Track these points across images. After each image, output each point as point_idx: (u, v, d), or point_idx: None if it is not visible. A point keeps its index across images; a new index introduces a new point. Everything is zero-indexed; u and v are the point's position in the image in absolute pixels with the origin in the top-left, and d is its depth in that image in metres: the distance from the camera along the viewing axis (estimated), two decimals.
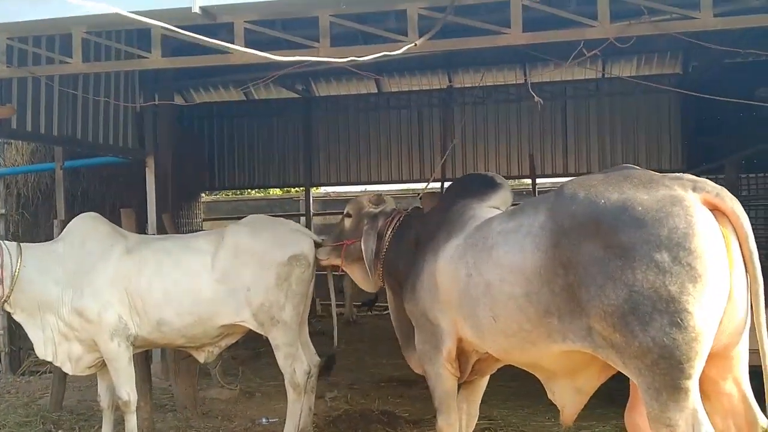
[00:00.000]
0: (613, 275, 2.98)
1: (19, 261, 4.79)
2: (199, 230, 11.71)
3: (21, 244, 4.92)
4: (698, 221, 2.91)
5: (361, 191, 13.89)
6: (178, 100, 10.84)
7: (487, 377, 4.42)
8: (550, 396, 3.78)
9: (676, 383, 2.89)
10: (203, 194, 12.98)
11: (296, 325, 5.13)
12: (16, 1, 3.89)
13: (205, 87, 12.08)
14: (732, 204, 3.03)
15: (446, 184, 11.10)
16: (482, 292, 3.52)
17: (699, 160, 10.31)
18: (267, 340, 5.51)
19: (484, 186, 4.16)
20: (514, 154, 11.63)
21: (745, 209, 3.06)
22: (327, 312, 12.20)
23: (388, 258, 4.53)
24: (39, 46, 4.92)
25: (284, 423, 5.60)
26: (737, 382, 3.12)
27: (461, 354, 4.03)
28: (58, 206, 7.29)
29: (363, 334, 10.01)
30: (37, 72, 4.90)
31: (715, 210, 3.01)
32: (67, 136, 6.42)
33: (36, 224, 8.19)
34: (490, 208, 4.03)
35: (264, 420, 5.89)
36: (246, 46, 4.11)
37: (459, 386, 4.22)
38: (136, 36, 5.69)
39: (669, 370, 2.88)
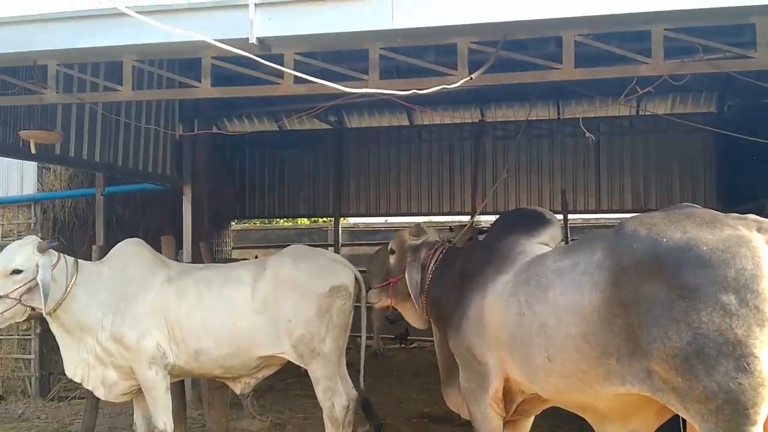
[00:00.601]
0: (677, 317, 2.90)
1: (74, 276, 4.80)
2: (229, 258, 11.75)
3: (78, 260, 4.93)
4: (766, 263, 2.83)
5: (383, 222, 13.89)
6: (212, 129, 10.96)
7: (532, 418, 4.31)
8: None
9: (740, 429, 2.80)
10: (233, 222, 13.03)
11: (336, 358, 5.07)
12: (69, 28, 3.92)
13: (239, 117, 12.22)
14: None
15: (477, 217, 11.14)
16: (536, 331, 3.44)
17: (734, 200, 10.18)
18: (295, 371, 5.47)
19: (534, 221, 4.09)
20: (546, 190, 11.56)
21: None
22: (354, 344, 12.13)
23: (431, 291, 4.46)
24: (84, 72, 4.99)
25: None
26: None
27: (506, 393, 3.93)
28: (97, 232, 7.34)
29: (391, 367, 9.89)
30: (86, 99, 4.96)
31: None
32: (108, 163, 6.48)
33: (71, 249, 8.21)
34: (540, 244, 3.96)
35: None
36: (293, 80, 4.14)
37: (504, 425, 4.12)
38: (178, 65, 5.78)
39: (734, 415, 2.79)
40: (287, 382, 8.83)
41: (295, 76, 3.94)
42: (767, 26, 3.71)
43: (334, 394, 5.02)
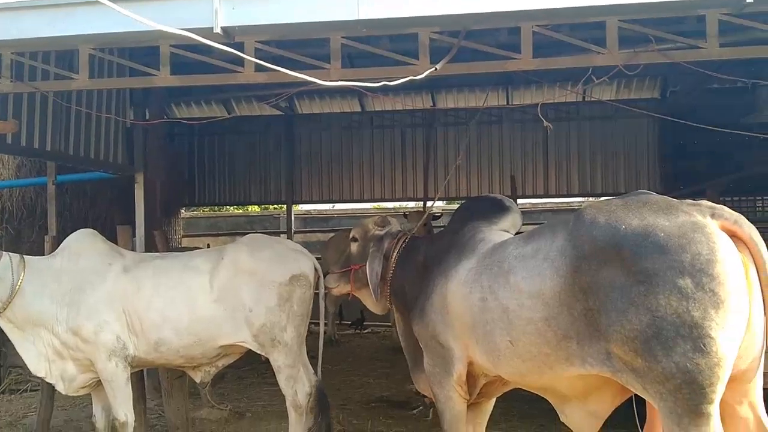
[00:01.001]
0: (635, 301, 3.01)
1: (22, 274, 4.69)
2: (179, 247, 11.59)
3: (24, 256, 4.81)
4: (720, 248, 2.96)
5: (336, 209, 13.90)
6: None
7: (494, 400, 4.42)
8: (562, 419, 3.79)
9: (698, 408, 2.92)
10: (182, 210, 12.85)
11: (297, 346, 5.09)
12: (29, 18, 3.81)
13: (188, 103, 12.03)
14: (750, 231, 3.10)
15: (429, 204, 11.24)
16: (499, 316, 3.53)
17: (677, 184, 10.52)
18: (250, 359, 5.45)
19: (494, 209, 4.18)
20: (496, 175, 11.73)
21: None
22: (309, 332, 12.12)
23: (395, 280, 4.52)
24: (35, 59, 4.86)
25: None
26: (753, 407, 3.17)
27: (470, 377, 4.02)
28: (50, 222, 7.14)
29: (347, 353, 9.95)
30: (42, 87, 4.83)
31: (733, 236, 3.08)
32: (59, 151, 6.32)
33: (19, 239, 8.02)
34: (500, 231, 4.05)
35: None
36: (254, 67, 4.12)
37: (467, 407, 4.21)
38: (129, 52, 5.66)
39: (691, 395, 2.92)
40: (242, 371, 8.81)
41: (258, 65, 3.91)
42: (717, 18, 3.84)
43: (296, 381, 5.04)
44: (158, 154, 7.90)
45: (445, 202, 13.96)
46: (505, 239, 3.88)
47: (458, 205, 4.95)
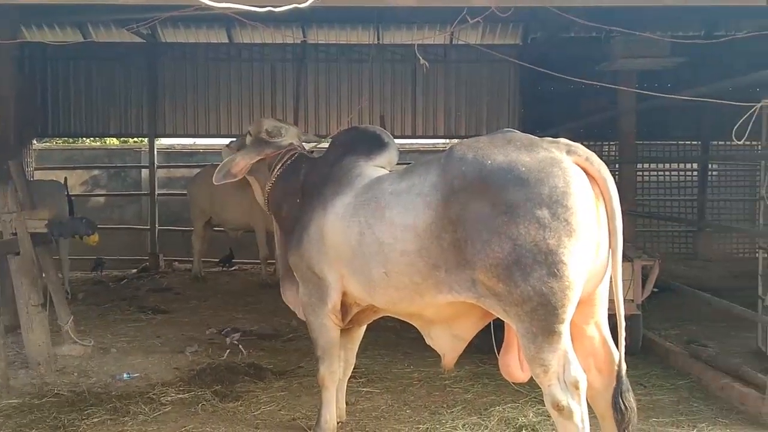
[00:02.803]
0: (498, 230, 3.26)
1: None
2: (31, 180, 10.89)
3: None
4: (574, 181, 3.25)
5: (192, 143, 13.52)
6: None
7: (364, 327, 4.62)
8: (428, 342, 4.05)
9: (551, 327, 3.23)
10: (34, 141, 12.03)
11: None
12: None
13: (39, 26, 11.16)
14: (599, 167, 3.41)
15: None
16: (375, 249, 3.68)
17: (534, 127, 11.10)
18: (112, 297, 5.19)
19: (372, 145, 4.28)
20: (366, 114, 11.83)
21: None
22: (171, 267, 11.93)
23: (273, 195, 4.59)
24: None
25: (144, 378, 5.55)
26: (598, 327, 3.54)
27: (343, 306, 4.19)
28: None
29: (214, 290, 9.88)
30: None
31: (585, 172, 3.37)
32: None
33: None
34: (377, 167, 4.17)
35: (125, 375, 5.73)
36: None
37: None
38: None
39: (545, 315, 3.22)
40: (104, 308, 8.59)
41: None
42: None
43: None
44: (9, 80, 7.33)
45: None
46: (381, 175, 4.02)
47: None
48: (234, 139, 5.21)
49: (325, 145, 5.07)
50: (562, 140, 3.48)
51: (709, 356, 5.59)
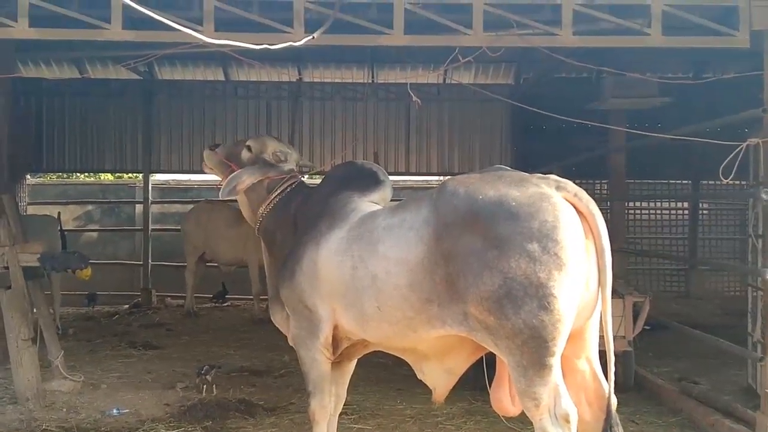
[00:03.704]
0: (489, 264, 3.29)
1: None
2: (24, 215, 10.89)
3: None
4: (563, 216, 3.30)
5: (187, 179, 13.55)
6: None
7: (355, 361, 4.60)
8: (420, 376, 4.04)
9: (542, 361, 3.25)
10: (28, 176, 12.07)
11: None
12: None
13: (35, 62, 11.29)
14: (587, 203, 3.46)
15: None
16: (368, 284, 3.70)
17: (527, 165, 11.19)
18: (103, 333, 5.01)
19: (368, 181, 4.31)
20: (360, 151, 11.93)
21: None
22: (163, 303, 11.88)
23: (268, 219, 4.55)
24: None
25: (134, 414, 5.49)
26: (589, 361, 3.55)
27: (333, 340, 4.17)
28: None
29: (207, 325, 9.85)
30: None
31: (574, 207, 3.42)
32: None
33: None
34: (371, 203, 4.21)
35: (115, 411, 5.68)
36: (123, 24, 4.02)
37: None
38: None
39: (536, 348, 3.24)
40: (95, 343, 8.55)
41: (125, 22, 3.81)
42: (572, 7, 4.18)
43: None
44: (4, 114, 7.39)
45: (306, 176, 14.00)
46: (374, 210, 4.06)
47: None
48: (218, 144, 5.00)
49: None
50: (552, 176, 3.54)
51: (700, 393, 5.59)
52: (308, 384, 4.27)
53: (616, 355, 3.43)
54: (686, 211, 12.27)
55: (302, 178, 4.85)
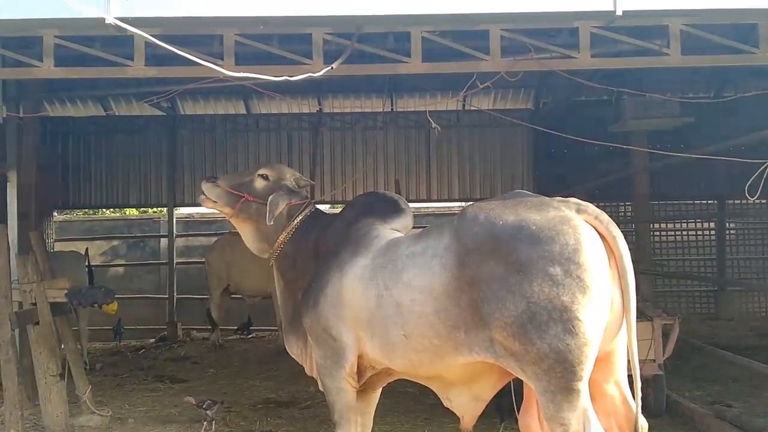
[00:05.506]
0: (512, 289, 3.27)
1: None
2: (51, 252, 11.04)
3: None
4: (585, 238, 3.27)
5: (212, 212, 13.65)
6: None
7: (380, 390, 4.56)
8: (446, 404, 3.99)
9: (569, 385, 3.20)
10: (55, 213, 12.26)
11: None
12: None
13: (61, 100, 11.51)
14: (608, 225, 3.43)
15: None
16: (393, 312, 3.69)
17: (548, 189, 11.16)
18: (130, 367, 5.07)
19: (389, 209, 4.30)
20: (381, 179, 11.98)
21: None
22: (189, 336, 11.93)
23: (288, 243, 4.45)
24: None
25: None
26: (618, 385, 3.49)
27: (357, 368, 4.15)
28: None
29: (232, 357, 9.86)
30: None
31: (595, 230, 3.39)
32: None
33: None
34: (393, 230, 4.20)
35: None
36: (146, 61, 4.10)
37: None
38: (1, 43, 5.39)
39: (563, 373, 3.19)
40: (122, 377, 8.58)
41: (148, 59, 3.89)
42: (589, 30, 4.19)
43: None
44: (32, 152, 7.54)
45: (329, 206, 14.08)
46: (398, 237, 4.05)
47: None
48: (213, 177, 4.66)
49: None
50: (572, 199, 3.52)
51: (734, 416, 5.46)
52: (334, 414, 4.24)
53: (646, 379, 3.37)
54: (713, 231, 12.11)
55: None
